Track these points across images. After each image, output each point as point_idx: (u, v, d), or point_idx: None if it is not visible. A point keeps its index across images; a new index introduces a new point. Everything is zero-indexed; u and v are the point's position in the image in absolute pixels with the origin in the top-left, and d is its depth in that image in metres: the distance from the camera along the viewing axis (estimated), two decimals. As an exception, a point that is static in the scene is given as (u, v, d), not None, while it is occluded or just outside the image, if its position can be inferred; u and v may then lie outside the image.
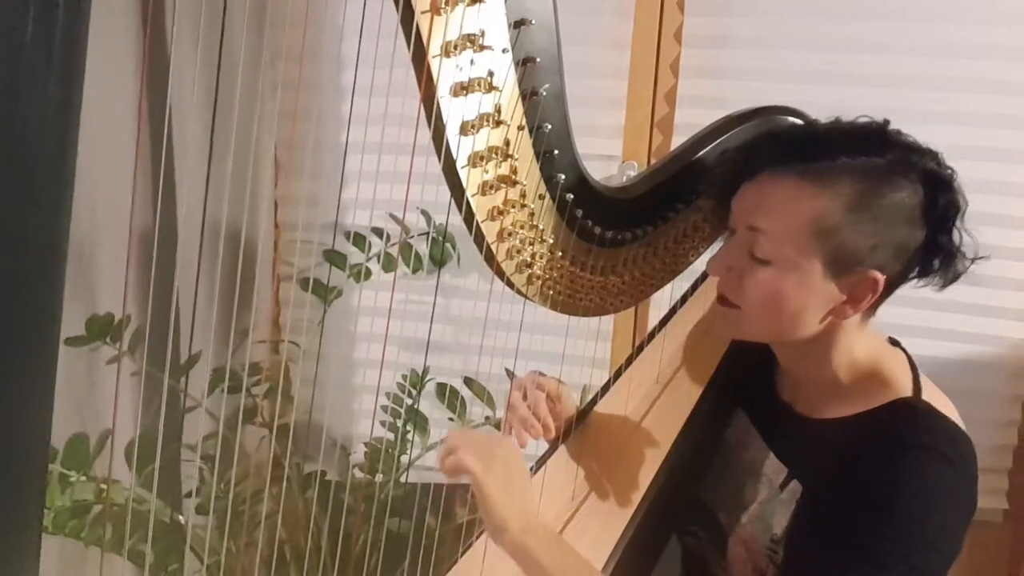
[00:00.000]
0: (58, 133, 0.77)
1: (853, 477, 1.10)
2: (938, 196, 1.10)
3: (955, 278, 1.15)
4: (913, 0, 2.00)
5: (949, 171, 1.12)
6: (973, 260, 1.14)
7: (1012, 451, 2.14)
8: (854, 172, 1.09)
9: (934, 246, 1.12)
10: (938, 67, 2.01)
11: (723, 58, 2.11)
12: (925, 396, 1.16)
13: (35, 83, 0.74)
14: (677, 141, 2.13)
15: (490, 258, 1.20)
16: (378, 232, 2.09)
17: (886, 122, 1.15)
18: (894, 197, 1.09)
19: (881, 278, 1.11)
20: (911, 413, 1.14)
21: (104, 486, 1.83)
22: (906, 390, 1.16)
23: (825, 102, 1.33)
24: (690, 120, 2.12)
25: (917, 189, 1.09)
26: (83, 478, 1.82)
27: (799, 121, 1.35)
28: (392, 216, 2.07)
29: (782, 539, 1.20)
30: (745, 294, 1.17)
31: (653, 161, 2.15)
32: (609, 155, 2.18)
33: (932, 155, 1.12)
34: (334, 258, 2.08)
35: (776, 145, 1.15)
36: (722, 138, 1.33)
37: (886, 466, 1.08)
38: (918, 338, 1.96)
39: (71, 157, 0.79)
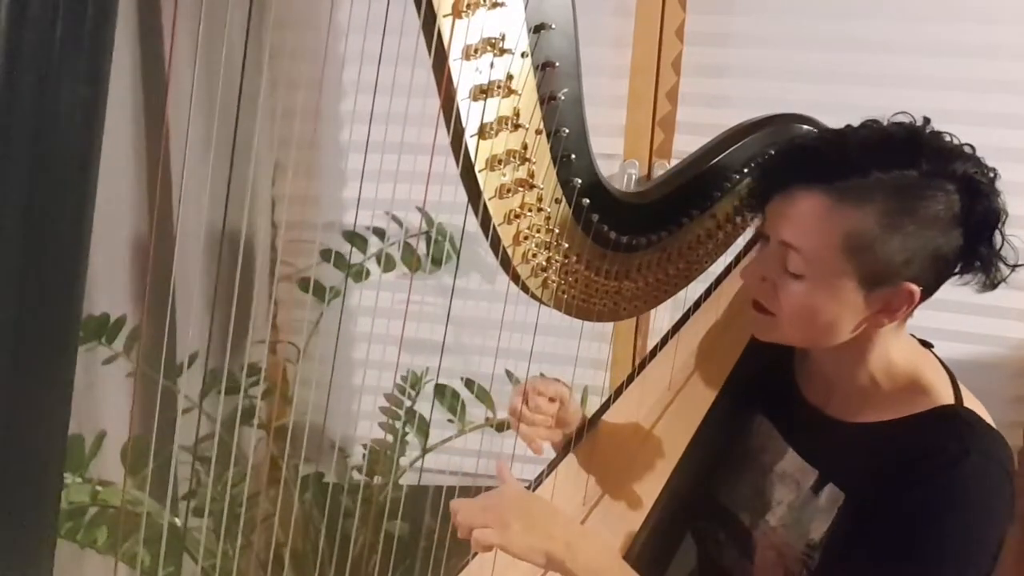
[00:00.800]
0: (85, 132, 0.77)
1: (901, 489, 1.10)
2: (976, 204, 1.08)
3: (995, 285, 1.14)
4: (916, 0, 2.00)
5: (991, 175, 1.11)
6: (1014, 267, 1.13)
7: (1017, 452, 2.14)
8: (886, 188, 1.07)
9: (972, 254, 1.10)
10: (938, 66, 2.00)
11: (725, 56, 2.10)
12: (966, 403, 1.16)
13: (64, 82, 0.73)
14: (679, 140, 2.13)
15: (506, 262, 1.19)
16: (378, 232, 2.08)
17: (926, 121, 1.13)
18: (928, 211, 1.07)
19: (917, 290, 1.10)
20: (959, 423, 1.13)
21: (100, 488, 1.81)
22: (947, 397, 1.16)
23: (826, 101, 1.34)
24: (692, 119, 2.11)
25: (953, 199, 1.07)
26: (79, 480, 1.80)
27: (813, 129, 1.35)
28: (391, 215, 2.06)
29: (819, 545, 1.20)
30: (779, 304, 1.16)
31: (655, 160, 2.14)
32: (611, 154, 2.16)
33: (972, 160, 1.10)
34: (331, 258, 2.06)
35: (807, 159, 1.13)
36: (736, 146, 1.33)
37: (936, 480, 1.08)
38: (920, 338, 1.96)
39: (96, 156, 0.79)
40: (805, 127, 1.35)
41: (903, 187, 1.07)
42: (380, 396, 2.14)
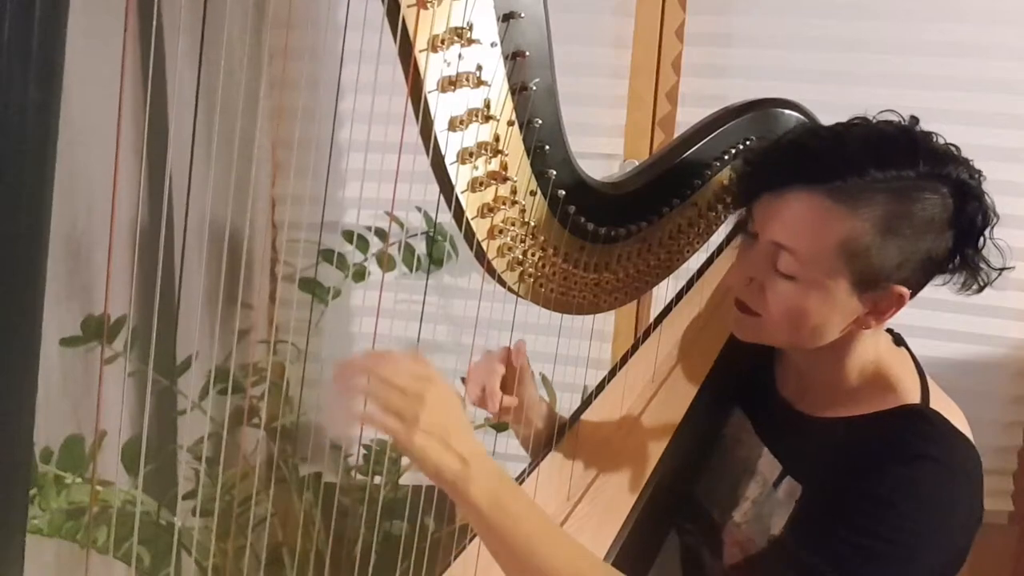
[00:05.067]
0: (38, 136, 0.76)
1: (855, 481, 1.09)
2: (967, 207, 1.07)
3: (980, 288, 1.13)
4: (916, 0, 1.99)
5: (979, 177, 1.10)
6: (1001, 271, 1.12)
7: (1016, 452, 2.13)
8: (884, 190, 1.05)
9: (960, 257, 1.10)
10: (940, 66, 2.01)
11: (725, 56, 2.11)
12: (933, 403, 1.14)
13: (12, 85, 0.72)
14: (679, 140, 2.14)
15: (481, 256, 1.18)
16: (379, 233, 2.09)
17: (914, 120, 1.12)
18: (923, 214, 1.06)
19: (907, 292, 1.09)
20: (920, 422, 1.12)
21: (100, 488, 1.82)
22: (914, 396, 1.15)
23: (827, 101, 1.32)
24: (692, 118, 2.07)
25: (947, 202, 1.06)
26: (79, 480, 1.81)
27: (797, 114, 1.34)
28: (390, 215, 2.06)
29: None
30: (767, 305, 1.14)
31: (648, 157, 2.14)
32: (611, 154, 2.17)
33: (964, 163, 1.09)
34: (329, 257, 2.07)
35: (803, 158, 1.10)
36: (717, 132, 1.32)
37: (890, 474, 1.07)
38: (920, 338, 1.93)
39: (51, 160, 0.78)
40: (787, 111, 1.34)
41: (900, 189, 1.06)
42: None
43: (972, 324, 2.05)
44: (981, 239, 1.10)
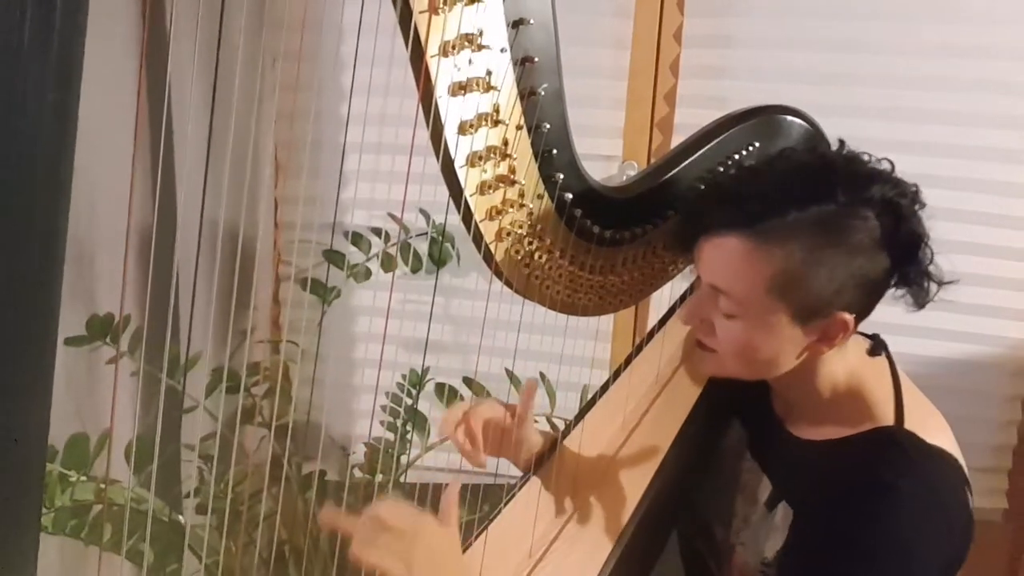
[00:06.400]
0: (56, 136, 0.77)
1: (832, 513, 1.10)
2: (899, 225, 1.08)
3: (924, 304, 1.13)
4: (914, 0, 2.00)
5: (912, 190, 1.10)
6: (941, 285, 1.12)
7: (1012, 451, 2.14)
8: (807, 225, 1.06)
9: (900, 276, 1.11)
10: (938, 67, 2.01)
11: (723, 58, 2.11)
12: (908, 421, 1.14)
13: (32, 86, 0.73)
14: (677, 141, 2.13)
15: (488, 258, 1.20)
16: (377, 232, 2.09)
17: (841, 144, 1.14)
18: (850, 241, 1.07)
19: (850, 318, 1.10)
20: (890, 449, 1.12)
21: (104, 486, 1.83)
22: (887, 416, 1.15)
23: (826, 102, 1.33)
24: (690, 120, 2.12)
25: (873, 225, 1.07)
26: (83, 478, 1.82)
27: (801, 121, 1.35)
28: (391, 215, 2.07)
29: (774, 563, 1.20)
30: (719, 342, 1.17)
31: (653, 161, 2.15)
32: (609, 155, 2.18)
33: (890, 181, 1.10)
34: (333, 258, 2.07)
35: (725, 203, 1.12)
36: (720, 138, 1.32)
37: (864, 508, 1.08)
38: (919, 338, 1.94)
39: (68, 160, 0.79)
40: (789, 118, 1.34)
41: (823, 221, 1.07)
42: (382, 395, 2.15)
43: (970, 324, 2.06)
44: (921, 254, 1.11)
